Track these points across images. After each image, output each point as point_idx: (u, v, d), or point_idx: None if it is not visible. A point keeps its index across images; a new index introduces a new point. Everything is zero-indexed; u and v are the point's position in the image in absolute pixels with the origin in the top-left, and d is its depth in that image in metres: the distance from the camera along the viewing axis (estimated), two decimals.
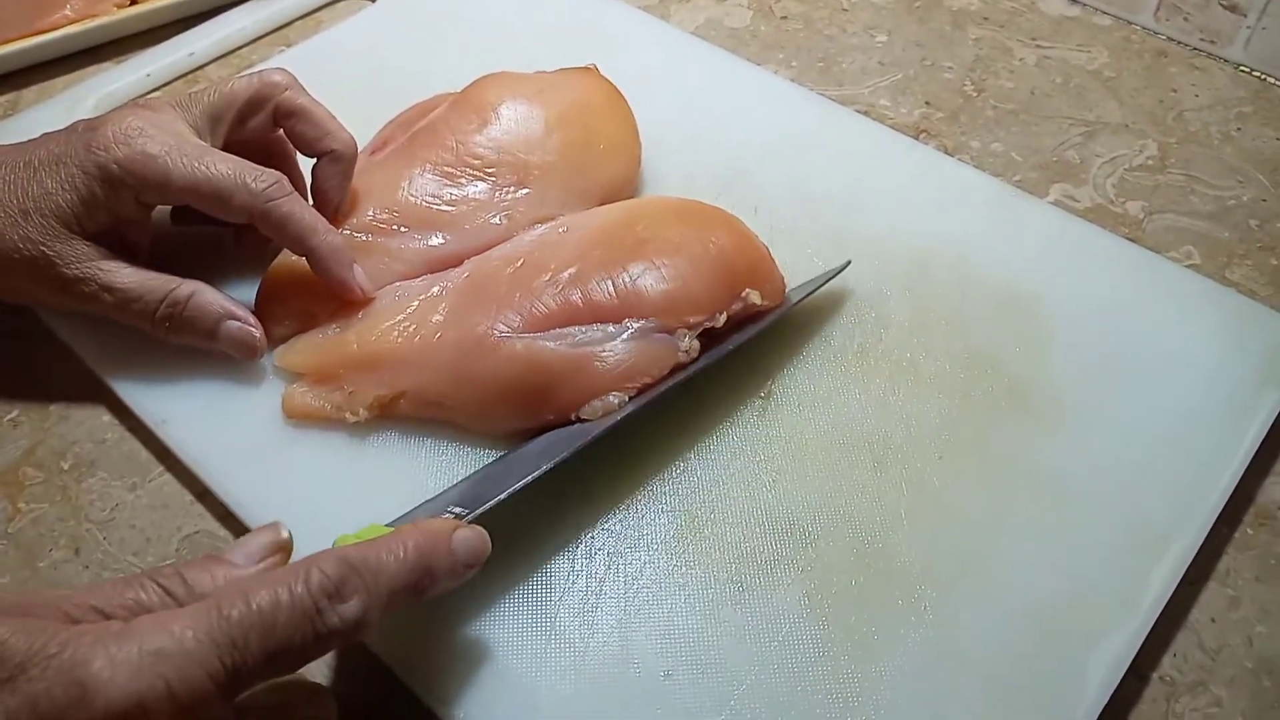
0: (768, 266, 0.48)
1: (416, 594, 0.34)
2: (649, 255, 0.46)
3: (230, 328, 0.46)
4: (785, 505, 0.43)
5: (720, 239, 0.48)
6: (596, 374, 0.44)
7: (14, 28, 0.66)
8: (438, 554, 0.34)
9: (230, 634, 0.29)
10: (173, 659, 0.29)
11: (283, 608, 0.30)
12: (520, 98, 0.54)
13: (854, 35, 0.69)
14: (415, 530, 0.34)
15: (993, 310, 0.50)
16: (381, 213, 0.50)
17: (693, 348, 0.45)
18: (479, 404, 0.45)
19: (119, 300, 0.45)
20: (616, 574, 0.41)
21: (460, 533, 0.35)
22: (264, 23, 0.69)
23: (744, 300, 0.46)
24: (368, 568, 0.32)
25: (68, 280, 0.45)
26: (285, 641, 0.30)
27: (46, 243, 0.44)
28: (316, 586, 0.31)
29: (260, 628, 0.30)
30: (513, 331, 0.44)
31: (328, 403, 0.46)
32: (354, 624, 0.31)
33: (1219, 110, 0.63)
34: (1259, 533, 0.44)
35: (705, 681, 0.38)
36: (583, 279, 0.45)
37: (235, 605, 0.30)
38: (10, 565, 0.44)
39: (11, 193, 0.44)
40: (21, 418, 0.49)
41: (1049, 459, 0.44)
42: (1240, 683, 0.40)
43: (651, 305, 0.45)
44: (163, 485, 0.47)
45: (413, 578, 0.33)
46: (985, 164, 0.60)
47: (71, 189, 0.44)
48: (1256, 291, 0.53)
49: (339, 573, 0.31)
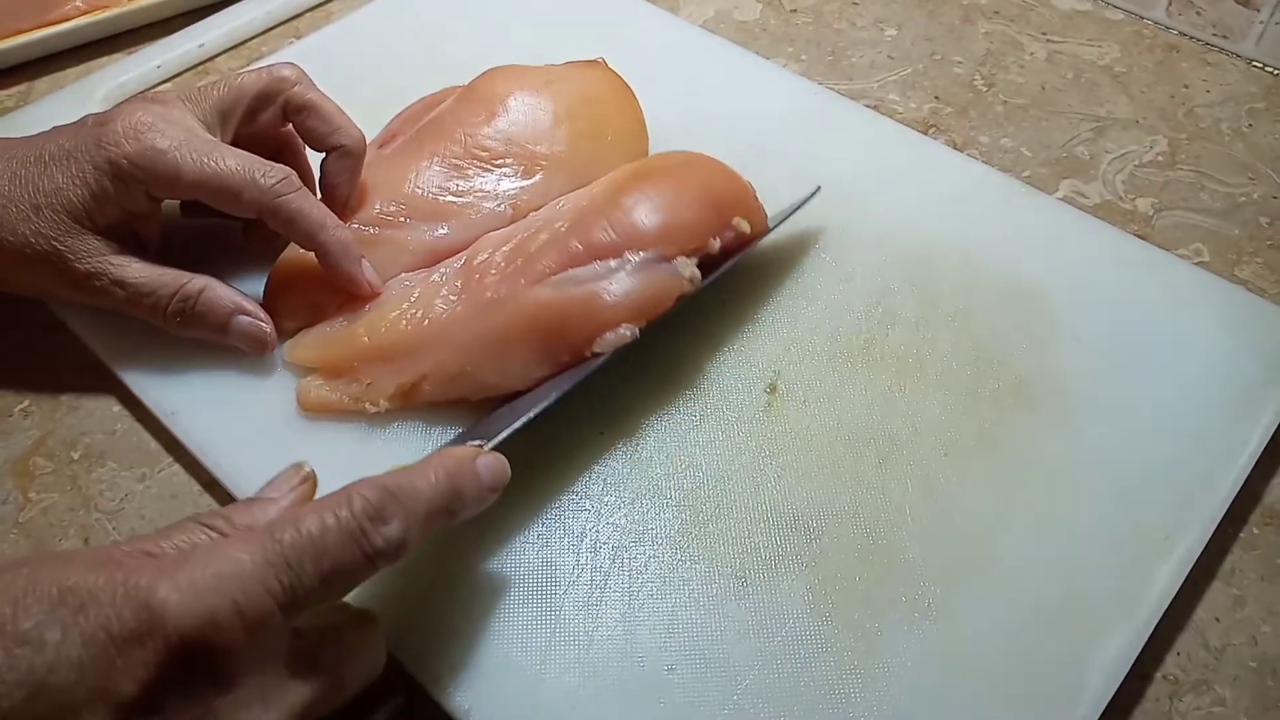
0: (752, 198, 0.50)
1: (449, 516, 0.36)
2: (638, 189, 0.47)
3: (241, 323, 0.47)
4: (789, 501, 0.43)
5: (706, 173, 0.50)
6: (605, 308, 0.44)
7: (26, 19, 0.67)
8: (465, 476, 0.36)
9: (285, 556, 0.31)
10: (235, 580, 0.30)
11: (330, 531, 0.32)
12: (528, 90, 0.54)
13: (864, 29, 0.69)
14: (443, 457, 0.36)
15: (1000, 306, 0.50)
16: (390, 205, 0.50)
17: (695, 275, 0.45)
18: (497, 361, 0.45)
19: (130, 295, 0.46)
20: (621, 568, 0.41)
21: (483, 458, 0.37)
22: (274, 14, 0.69)
23: (734, 229, 0.47)
24: (404, 492, 0.34)
25: (80, 275, 0.45)
26: (336, 562, 0.32)
27: (58, 238, 0.45)
28: (360, 510, 0.33)
29: (312, 550, 0.32)
30: (518, 289, 0.45)
31: (345, 395, 0.46)
32: (397, 544, 0.33)
33: (1230, 106, 0.63)
34: (1265, 532, 0.44)
35: (708, 676, 0.39)
36: (580, 228, 0.46)
37: (287, 530, 0.32)
38: (21, 554, 0.44)
39: (23, 188, 0.45)
40: (32, 408, 0.50)
41: (1054, 456, 0.44)
42: (1244, 682, 0.40)
43: (648, 236, 0.45)
44: (172, 475, 0.47)
45: (445, 500, 0.35)
46: (994, 159, 0.60)
47: (82, 184, 0.44)
48: (1266, 289, 0.53)
49: (379, 497, 0.33)
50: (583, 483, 0.44)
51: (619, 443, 0.45)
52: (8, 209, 0.44)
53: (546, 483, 0.44)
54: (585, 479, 0.44)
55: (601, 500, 0.44)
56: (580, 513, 0.43)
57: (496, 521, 0.43)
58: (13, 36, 0.66)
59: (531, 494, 0.44)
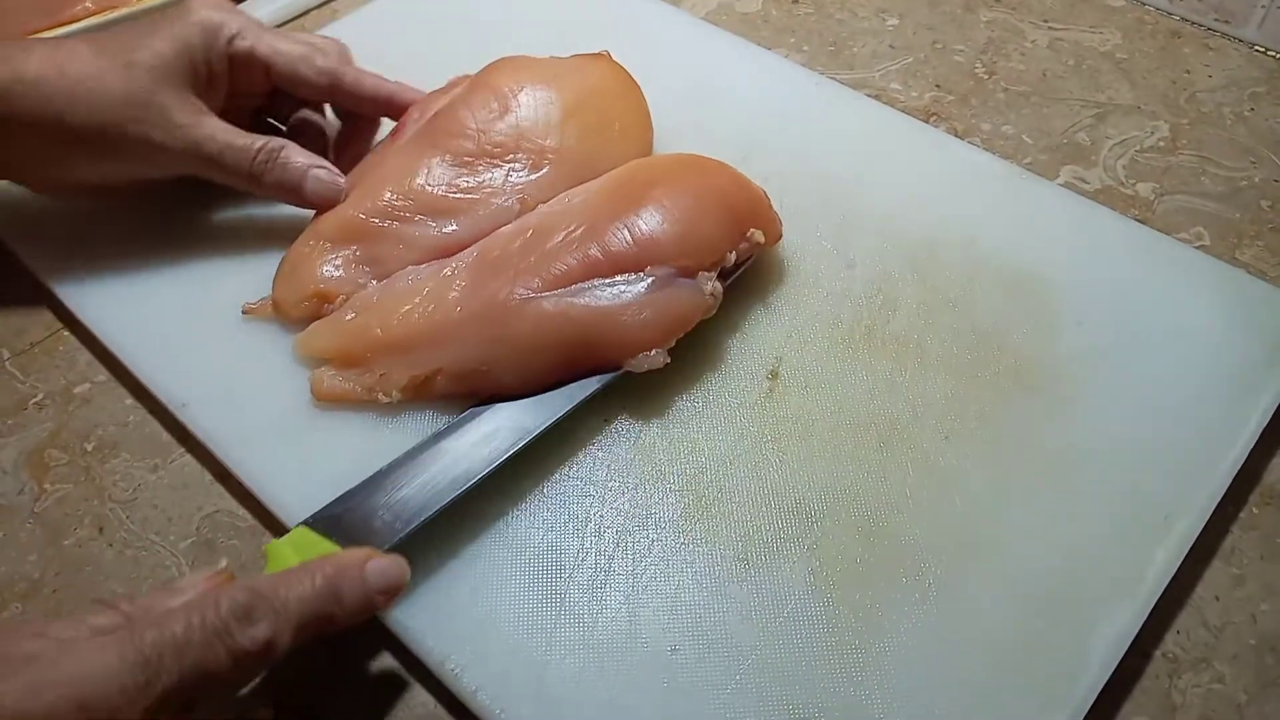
0: (766, 207, 0.50)
1: (327, 619, 0.36)
2: (657, 199, 0.47)
3: (319, 175, 0.50)
4: (791, 484, 0.44)
5: (720, 181, 0.50)
6: (630, 326, 0.45)
7: (38, 20, 0.67)
8: (347, 580, 0.36)
9: (144, 654, 0.32)
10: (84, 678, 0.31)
11: (194, 629, 0.33)
12: (534, 83, 0.54)
13: (865, 19, 0.69)
14: (328, 561, 0.37)
15: (1001, 292, 0.50)
16: (398, 199, 0.51)
17: (717, 290, 0.46)
18: (518, 365, 0.46)
19: (220, 148, 0.49)
20: (625, 552, 0.42)
21: (374, 561, 0.37)
22: (280, 12, 0.70)
23: (749, 240, 0.48)
24: (276, 594, 0.35)
25: (174, 127, 0.48)
26: (198, 661, 0.32)
27: (157, 90, 0.48)
28: (225, 610, 0.33)
29: (173, 648, 0.32)
30: (534, 293, 0.46)
31: (359, 385, 0.47)
32: (264, 643, 0.34)
33: (1232, 90, 0.63)
34: (1264, 511, 0.45)
35: (711, 657, 0.39)
36: (597, 233, 0.47)
37: (149, 630, 0.32)
38: (37, 544, 0.45)
39: (113, 53, 0.48)
40: (46, 401, 0.50)
41: (1055, 438, 0.45)
42: (1243, 660, 0.40)
43: (669, 248, 0.46)
44: (183, 466, 0.48)
45: (320, 603, 0.35)
46: (996, 146, 0.60)
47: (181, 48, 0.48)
48: (1267, 272, 0.53)
49: (247, 598, 0.34)
50: (587, 468, 0.45)
51: (623, 429, 0.46)
52: (100, 78, 0.47)
53: (551, 469, 0.45)
54: (589, 465, 0.45)
55: (606, 485, 0.44)
56: (585, 498, 0.44)
57: (502, 507, 0.43)
58: (26, 37, 0.67)
59: (537, 480, 0.44)
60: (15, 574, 0.44)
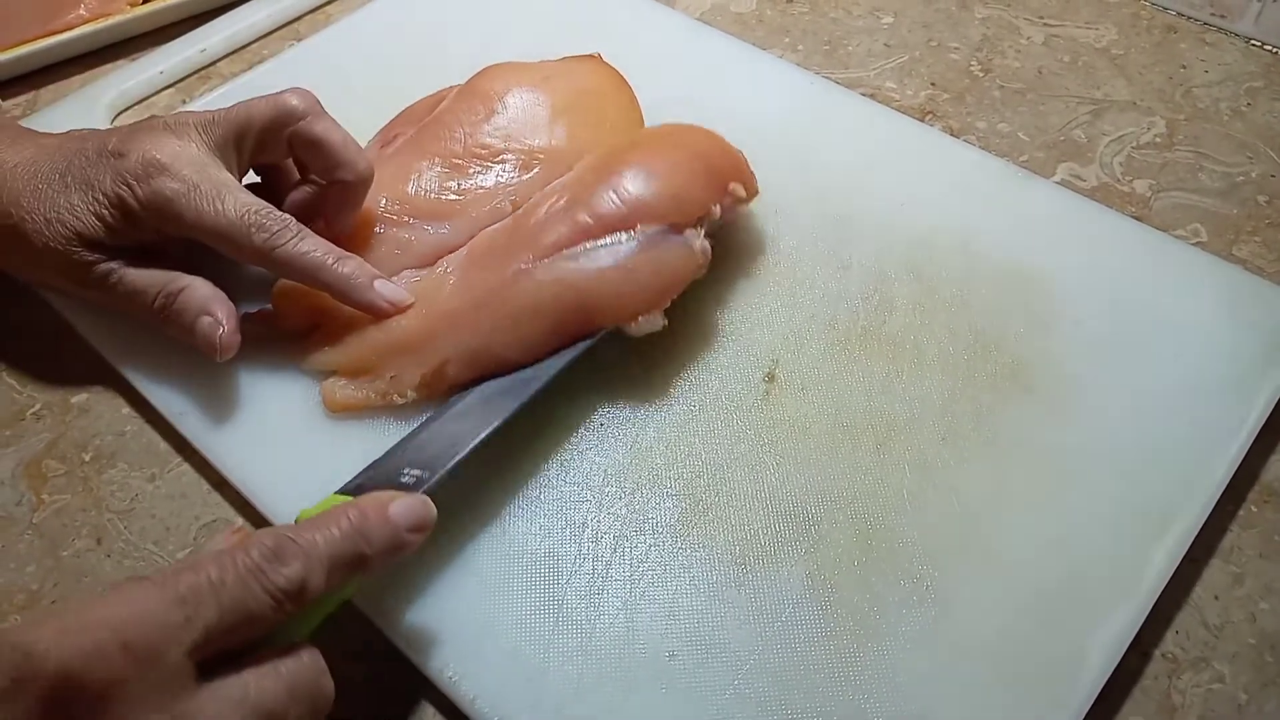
0: (743, 163, 0.51)
1: (359, 559, 0.36)
2: (638, 160, 0.48)
3: (202, 324, 0.46)
4: (788, 487, 0.44)
5: (697, 138, 0.51)
6: (624, 286, 0.45)
7: (30, 28, 0.68)
8: (374, 520, 0.37)
9: (181, 594, 0.32)
10: (125, 616, 0.31)
11: (228, 570, 0.33)
12: (525, 86, 0.54)
13: (860, 18, 0.69)
14: (352, 505, 0.37)
15: (998, 291, 0.50)
16: (393, 205, 0.51)
17: (706, 248, 0.47)
18: (520, 338, 0.46)
19: (126, 293, 0.47)
20: (622, 557, 0.42)
21: (399, 501, 0.38)
22: (274, 17, 0.70)
23: (732, 194, 0.49)
24: (304, 536, 0.35)
25: (89, 281, 0.47)
26: (235, 599, 0.33)
27: (70, 250, 0.46)
28: (257, 553, 0.34)
29: (210, 588, 0.33)
30: (526, 264, 0.46)
31: (371, 391, 0.47)
32: (299, 582, 0.34)
33: (1229, 86, 0.63)
34: (1263, 510, 0.44)
35: (709, 662, 0.39)
36: (584, 199, 0.47)
37: (185, 574, 0.33)
38: (35, 554, 0.45)
39: (42, 203, 0.46)
40: (44, 411, 0.50)
41: (1052, 438, 0.45)
42: (1243, 659, 0.40)
43: (655, 206, 0.46)
44: (181, 475, 0.48)
45: (349, 543, 0.36)
46: (991, 145, 0.60)
47: (95, 214, 0.46)
48: (1264, 268, 0.53)
49: (276, 541, 0.35)
50: (584, 473, 0.45)
51: (619, 433, 0.46)
52: (25, 220, 0.46)
53: (548, 475, 0.45)
54: (586, 470, 0.45)
55: (602, 491, 0.44)
56: (581, 503, 0.44)
57: (499, 514, 0.43)
58: (18, 46, 0.67)
59: (533, 486, 0.44)
60: (14, 585, 0.45)
